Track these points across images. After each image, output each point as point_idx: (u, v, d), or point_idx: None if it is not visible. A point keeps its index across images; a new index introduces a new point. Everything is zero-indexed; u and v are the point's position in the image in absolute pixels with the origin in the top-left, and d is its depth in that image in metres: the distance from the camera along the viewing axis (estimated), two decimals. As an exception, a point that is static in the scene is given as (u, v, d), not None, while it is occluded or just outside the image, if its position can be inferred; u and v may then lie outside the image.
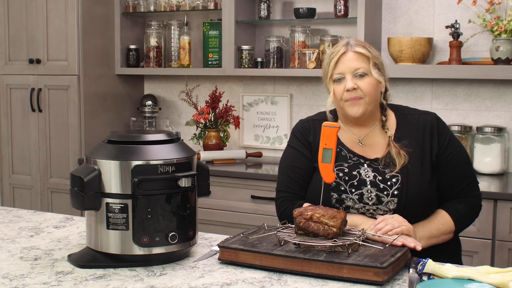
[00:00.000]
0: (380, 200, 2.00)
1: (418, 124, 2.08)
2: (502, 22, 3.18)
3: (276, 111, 4.00)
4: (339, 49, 2.03)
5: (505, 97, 3.43)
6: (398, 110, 2.14)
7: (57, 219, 2.32)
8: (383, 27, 3.68)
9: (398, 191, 1.99)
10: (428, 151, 2.04)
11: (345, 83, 2.01)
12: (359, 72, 2.00)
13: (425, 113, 2.13)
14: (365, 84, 2.00)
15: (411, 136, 2.05)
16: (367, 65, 2.01)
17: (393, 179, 2.01)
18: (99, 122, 4.09)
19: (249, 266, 1.74)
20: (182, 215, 1.77)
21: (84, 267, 1.75)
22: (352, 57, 2.01)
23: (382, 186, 2.01)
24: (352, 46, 2.03)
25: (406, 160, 2.01)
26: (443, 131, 2.09)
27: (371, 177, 2.02)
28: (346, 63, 2.01)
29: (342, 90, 2.01)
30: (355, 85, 1.99)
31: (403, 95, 3.63)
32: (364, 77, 2.00)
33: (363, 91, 2.00)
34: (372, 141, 2.09)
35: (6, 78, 4.19)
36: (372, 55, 2.02)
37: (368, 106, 2.02)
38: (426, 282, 1.57)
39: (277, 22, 3.93)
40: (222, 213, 3.53)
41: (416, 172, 2.01)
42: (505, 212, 2.88)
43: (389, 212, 2.00)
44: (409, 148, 2.02)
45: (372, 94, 2.02)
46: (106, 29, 4.10)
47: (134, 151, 1.75)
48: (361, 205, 2.02)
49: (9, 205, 4.20)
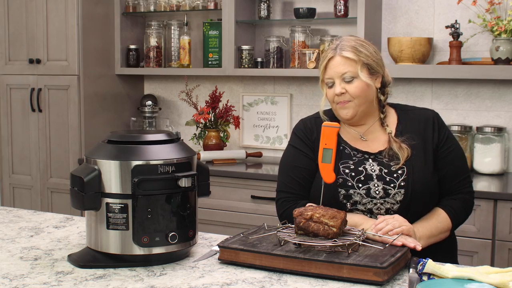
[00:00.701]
0: (387, 193, 2.02)
1: (419, 118, 2.12)
2: (502, 22, 3.18)
3: (276, 111, 4.00)
4: (327, 53, 2.07)
5: (505, 97, 3.43)
6: (398, 107, 2.18)
7: (57, 219, 2.32)
8: (383, 27, 3.68)
9: (405, 182, 2.01)
10: (430, 143, 2.07)
11: (334, 88, 2.05)
12: (346, 76, 2.03)
13: (424, 109, 2.18)
14: (353, 88, 2.03)
15: (413, 130, 2.09)
16: (355, 68, 2.02)
17: (399, 171, 2.03)
18: (99, 122, 4.09)
19: (249, 266, 1.74)
20: (182, 215, 1.77)
21: (84, 267, 1.75)
22: (339, 61, 2.04)
23: (389, 179, 2.03)
24: (340, 49, 2.04)
25: (409, 152, 2.04)
26: (442, 126, 2.14)
27: (377, 171, 2.04)
28: (333, 68, 2.05)
29: (333, 94, 2.06)
30: (343, 90, 2.03)
31: (403, 95, 3.63)
32: (353, 81, 2.03)
33: (351, 95, 2.04)
34: (373, 135, 2.11)
35: (6, 78, 4.19)
36: (359, 58, 2.03)
37: (359, 108, 2.05)
38: (426, 282, 1.57)
39: (277, 22, 3.93)
40: (222, 213, 3.53)
41: (420, 163, 2.04)
42: (505, 212, 2.88)
43: (396, 204, 2.01)
44: (411, 141, 2.05)
45: (362, 97, 2.04)
46: (106, 29, 4.10)
47: (134, 151, 1.75)
48: (368, 199, 2.03)
49: (9, 205, 4.20)
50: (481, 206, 2.91)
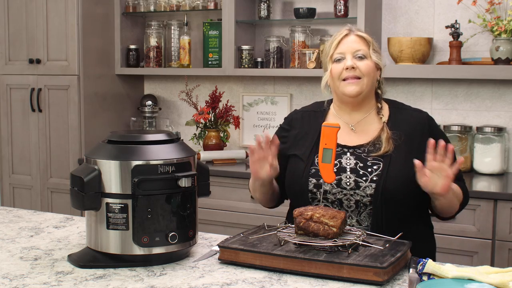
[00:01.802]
0: (358, 185, 2.01)
1: (410, 120, 2.11)
2: (502, 22, 3.18)
3: (276, 111, 4.00)
4: (342, 31, 2.12)
5: (505, 97, 3.43)
6: (392, 103, 2.19)
7: (57, 219, 2.32)
8: (383, 27, 3.68)
9: (377, 177, 2.00)
10: (416, 147, 2.04)
11: (345, 62, 2.07)
12: (359, 53, 2.07)
13: (418, 111, 2.17)
14: (364, 65, 2.06)
15: (402, 129, 2.07)
16: (367, 48, 2.09)
17: (374, 166, 2.02)
18: (99, 122, 4.09)
19: (249, 266, 1.74)
20: (182, 215, 1.77)
21: (84, 267, 1.75)
22: (354, 39, 2.10)
23: (362, 172, 2.02)
24: (354, 30, 2.12)
25: (391, 149, 2.03)
26: (436, 129, 2.13)
27: (352, 164, 2.04)
28: (347, 44, 2.09)
29: (341, 69, 2.07)
30: (354, 64, 2.06)
31: (403, 95, 3.63)
32: (364, 59, 2.07)
33: (361, 71, 2.06)
34: (364, 128, 2.11)
35: (6, 78, 4.19)
36: (371, 41, 2.11)
37: (365, 87, 2.07)
38: (426, 282, 1.57)
39: (277, 22, 3.93)
40: (222, 213, 3.53)
41: (398, 162, 2.01)
42: (505, 212, 2.88)
43: (366, 197, 2.00)
44: (398, 140, 2.05)
45: (371, 76, 2.07)
46: (106, 29, 4.11)
47: (134, 151, 1.75)
48: (338, 189, 2.02)
49: (9, 205, 4.20)
50: (481, 206, 2.91)
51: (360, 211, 2.01)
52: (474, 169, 3.35)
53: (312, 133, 2.14)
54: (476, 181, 3.19)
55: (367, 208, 2.00)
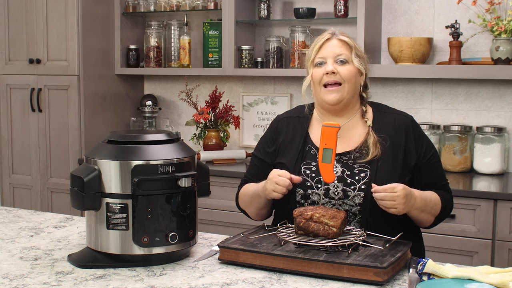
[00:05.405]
0: (347, 195, 1.99)
1: (394, 124, 2.08)
2: (502, 22, 3.18)
3: (276, 111, 4.00)
4: (324, 35, 2.10)
5: (505, 97, 3.43)
6: (376, 107, 2.16)
7: (57, 219, 2.32)
8: (383, 27, 3.68)
9: (365, 185, 1.98)
10: (401, 151, 2.03)
11: (325, 67, 2.05)
12: (341, 58, 2.05)
13: (402, 114, 2.14)
14: (345, 70, 2.04)
15: (386, 133, 2.05)
16: (349, 53, 2.06)
17: (361, 174, 2.00)
18: (99, 122, 4.09)
19: (249, 266, 1.74)
20: (182, 215, 1.77)
21: (84, 267, 1.75)
22: (336, 44, 2.07)
23: (350, 181, 2.00)
24: (337, 35, 2.09)
25: (379, 153, 2.01)
26: (420, 134, 2.10)
27: (339, 172, 2.01)
28: (328, 48, 2.07)
29: (322, 73, 2.06)
30: (335, 69, 2.03)
31: (403, 95, 3.63)
32: (345, 64, 2.05)
33: (342, 77, 2.03)
34: (348, 133, 2.08)
35: (6, 78, 4.19)
36: (354, 45, 2.08)
37: (346, 94, 2.04)
38: (426, 282, 1.57)
39: (277, 22, 3.93)
40: (222, 213, 3.53)
41: (386, 168, 2.00)
42: (505, 212, 2.88)
43: (355, 207, 1.98)
44: (385, 143, 2.02)
45: (352, 82, 2.04)
46: (106, 29, 4.11)
47: (134, 151, 1.75)
48: (326, 199, 2.00)
49: (9, 205, 4.20)
50: (481, 206, 2.91)
51: (349, 220, 1.99)
52: (474, 169, 3.35)
53: (298, 140, 2.11)
54: (476, 181, 3.19)
55: (356, 217, 1.98)
